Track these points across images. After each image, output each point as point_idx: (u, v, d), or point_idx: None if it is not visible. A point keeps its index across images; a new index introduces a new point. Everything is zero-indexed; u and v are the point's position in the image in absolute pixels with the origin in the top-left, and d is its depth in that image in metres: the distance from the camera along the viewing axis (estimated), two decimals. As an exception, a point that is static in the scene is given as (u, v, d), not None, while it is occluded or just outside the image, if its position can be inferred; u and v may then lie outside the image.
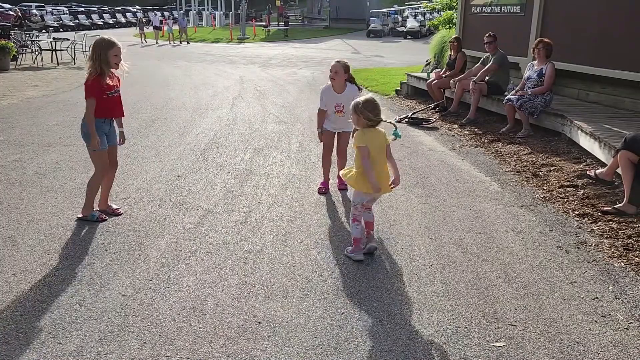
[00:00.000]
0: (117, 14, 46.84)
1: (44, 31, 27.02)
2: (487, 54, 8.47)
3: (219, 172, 5.76)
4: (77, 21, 39.92)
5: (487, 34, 8.34)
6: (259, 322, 2.99)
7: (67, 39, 17.27)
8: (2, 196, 4.87)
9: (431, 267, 3.69)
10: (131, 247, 3.90)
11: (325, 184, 5.29)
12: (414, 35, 34.08)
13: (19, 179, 5.37)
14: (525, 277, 3.59)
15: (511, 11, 9.16)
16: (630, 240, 4.10)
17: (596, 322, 3.07)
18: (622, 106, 7.22)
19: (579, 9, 7.72)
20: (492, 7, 9.71)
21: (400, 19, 38.65)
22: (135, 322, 2.96)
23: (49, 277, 3.43)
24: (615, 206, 4.65)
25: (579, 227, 4.42)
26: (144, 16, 38.97)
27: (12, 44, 14.76)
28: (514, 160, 6.36)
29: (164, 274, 3.52)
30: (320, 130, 5.21)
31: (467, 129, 8.03)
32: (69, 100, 9.98)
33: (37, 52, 16.12)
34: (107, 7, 48.96)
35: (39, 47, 16.30)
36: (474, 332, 2.95)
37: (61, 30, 34.28)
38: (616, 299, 3.33)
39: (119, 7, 50.38)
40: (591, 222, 4.49)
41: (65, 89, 11.57)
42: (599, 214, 4.61)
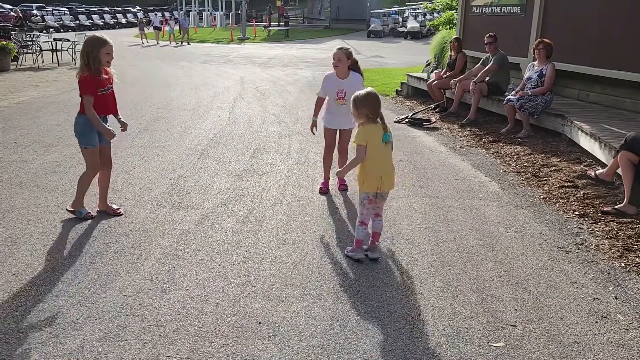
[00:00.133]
0: (117, 15, 46.88)
1: (44, 32, 27.02)
2: (488, 55, 8.48)
3: (219, 173, 5.76)
4: (77, 22, 39.98)
5: (487, 35, 8.35)
6: (260, 323, 2.99)
7: (68, 40, 17.28)
8: (3, 196, 4.88)
9: (431, 268, 3.70)
10: (132, 248, 3.90)
11: (325, 184, 5.27)
12: (415, 35, 34.14)
13: (19, 179, 5.37)
14: (525, 277, 3.59)
15: (511, 12, 9.16)
16: (630, 240, 4.10)
17: (596, 322, 3.07)
18: (622, 107, 7.23)
19: (579, 9, 7.73)
20: (493, 8, 9.72)
21: (400, 20, 38.73)
22: (135, 323, 2.96)
23: (49, 277, 3.44)
24: (615, 207, 4.65)
25: (579, 228, 4.43)
26: (145, 16, 39.02)
27: (13, 44, 14.78)
28: (515, 160, 6.37)
29: (165, 274, 3.52)
30: (315, 118, 5.16)
31: (468, 129, 8.04)
32: (70, 100, 9.97)
33: (37, 53, 16.14)
34: (107, 8, 49.02)
35: (40, 47, 16.33)
36: (474, 332, 2.95)
37: (62, 30, 34.32)
38: (616, 299, 3.33)
39: (120, 8, 50.44)
40: (591, 223, 4.49)
41: (65, 89, 11.57)
42: (599, 214, 4.62)
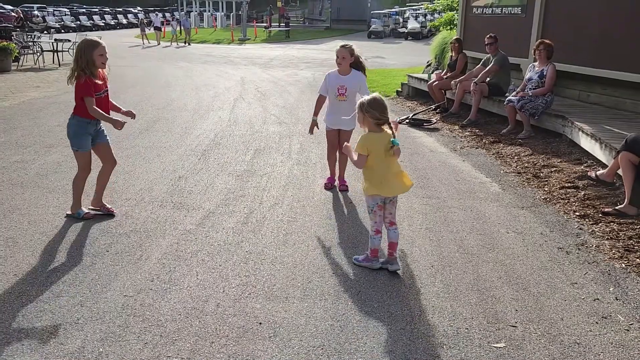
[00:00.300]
0: (118, 15, 46.91)
1: (45, 32, 27.05)
2: (488, 55, 8.48)
3: (220, 173, 5.77)
4: (78, 22, 40.03)
5: (488, 35, 8.36)
6: (260, 323, 3.00)
7: (69, 40, 17.30)
8: (4, 197, 4.88)
9: (432, 268, 3.70)
10: (132, 248, 3.91)
11: (331, 179, 5.38)
12: (415, 36, 34.16)
13: (20, 179, 5.38)
14: (526, 278, 3.59)
15: (512, 12, 9.17)
16: (631, 241, 4.10)
17: (597, 323, 3.07)
18: (622, 107, 7.23)
19: (580, 9, 7.73)
20: (493, 9, 9.72)
21: (401, 20, 38.74)
22: (136, 323, 2.96)
23: (50, 277, 3.44)
24: (616, 207, 4.65)
25: (580, 229, 4.43)
26: (146, 17, 39.04)
27: (14, 45, 14.79)
28: (515, 161, 6.37)
29: (165, 274, 3.53)
30: (315, 118, 5.20)
31: (468, 130, 8.04)
32: (71, 101, 9.88)
33: (38, 53, 16.15)
34: (108, 8, 49.07)
35: (41, 48, 16.34)
36: (474, 333, 2.95)
37: (63, 31, 34.38)
38: (617, 300, 3.33)
39: (120, 9, 50.49)
40: (592, 224, 4.49)
41: (66, 90, 11.55)
42: (600, 215, 4.62)
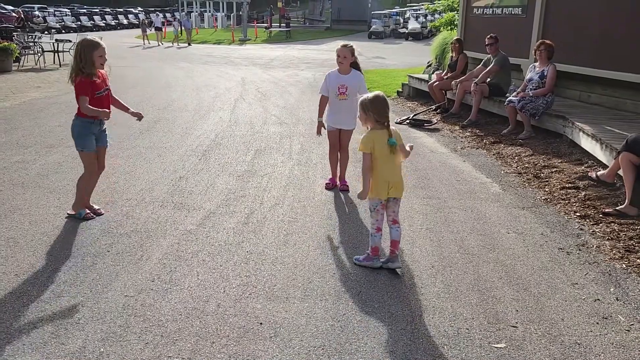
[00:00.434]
0: (119, 16, 46.92)
1: (46, 32, 27.09)
2: (489, 56, 8.48)
3: (220, 174, 5.77)
4: (79, 22, 40.03)
5: (488, 36, 8.36)
6: (261, 323, 3.00)
7: (70, 41, 17.27)
8: (5, 197, 4.89)
9: (432, 269, 3.70)
10: (133, 248, 3.91)
11: (333, 180, 5.40)
12: (416, 36, 34.18)
13: (21, 180, 5.38)
14: (526, 278, 3.59)
15: (512, 13, 9.17)
16: (631, 242, 4.10)
17: (597, 323, 3.07)
18: (623, 108, 7.22)
19: (580, 9, 7.73)
20: (494, 9, 9.72)
21: (401, 21, 38.77)
22: (137, 323, 2.97)
23: (51, 277, 3.45)
24: (616, 208, 4.65)
25: (581, 229, 4.43)
26: (146, 18, 39.06)
27: (15, 45, 14.80)
28: (516, 161, 6.37)
29: (166, 274, 3.53)
30: (320, 119, 5.23)
31: (469, 130, 8.04)
32: (71, 101, 9.91)
33: (39, 54, 16.16)
34: (109, 9, 49.08)
35: (42, 48, 16.34)
36: (475, 333, 2.95)
37: (63, 31, 34.39)
38: (617, 300, 3.33)
39: (121, 9, 50.50)
40: (592, 224, 4.49)
41: (67, 90, 11.54)
42: (601, 215, 4.62)
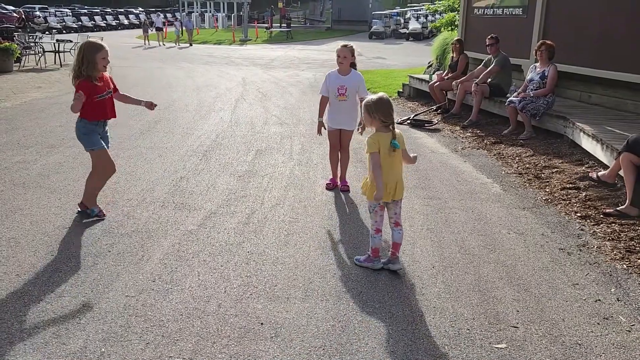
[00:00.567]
0: (120, 16, 46.94)
1: (47, 33, 27.11)
2: (489, 56, 8.49)
3: (221, 174, 5.77)
4: (80, 23, 40.05)
5: (489, 36, 8.36)
6: (262, 323, 3.00)
7: (70, 41, 17.31)
8: (6, 197, 4.89)
9: (433, 269, 3.70)
10: (134, 249, 3.91)
11: (333, 180, 5.41)
12: (416, 37, 34.19)
13: (22, 180, 5.39)
14: (527, 279, 3.59)
15: (513, 13, 9.17)
16: (632, 242, 4.10)
17: (598, 324, 3.07)
18: (624, 108, 7.22)
19: (581, 10, 7.73)
20: (495, 9, 9.73)
21: (402, 21, 38.77)
22: (138, 323, 2.97)
23: (52, 278, 3.45)
24: (617, 208, 4.65)
25: (581, 229, 4.43)
26: (147, 18, 39.07)
27: (16, 45, 14.81)
28: (516, 162, 6.37)
29: (167, 275, 3.53)
30: (320, 119, 5.24)
31: (469, 130, 8.04)
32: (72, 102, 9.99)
33: (40, 54, 16.17)
34: (109, 9, 49.10)
35: (42, 48, 16.35)
36: (475, 333, 2.95)
37: (64, 32, 34.43)
38: (618, 301, 3.33)
39: (122, 9, 50.52)
40: (593, 224, 4.49)
41: (68, 90, 11.55)
42: (601, 216, 4.62)
